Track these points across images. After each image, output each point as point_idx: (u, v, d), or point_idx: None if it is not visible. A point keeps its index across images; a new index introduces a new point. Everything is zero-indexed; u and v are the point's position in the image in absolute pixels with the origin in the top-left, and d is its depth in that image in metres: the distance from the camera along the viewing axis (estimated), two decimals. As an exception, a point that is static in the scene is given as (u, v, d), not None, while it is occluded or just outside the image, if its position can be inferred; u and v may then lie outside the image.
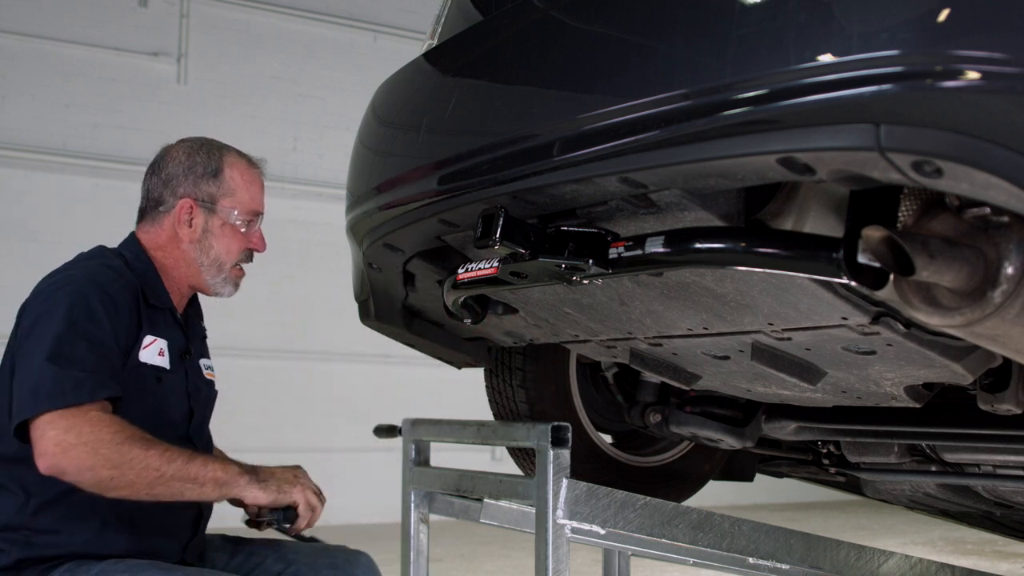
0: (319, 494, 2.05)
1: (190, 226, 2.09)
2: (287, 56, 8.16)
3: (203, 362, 2.23)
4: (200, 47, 7.80)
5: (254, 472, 1.97)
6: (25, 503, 1.89)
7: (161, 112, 7.58)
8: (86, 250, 2.12)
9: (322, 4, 8.31)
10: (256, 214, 2.18)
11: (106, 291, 1.94)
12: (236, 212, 2.12)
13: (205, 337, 2.30)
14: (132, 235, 2.14)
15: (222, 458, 2.02)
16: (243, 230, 2.14)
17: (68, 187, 7.22)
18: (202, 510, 2.10)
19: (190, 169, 2.11)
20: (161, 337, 2.04)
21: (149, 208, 2.13)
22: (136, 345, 1.98)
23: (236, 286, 2.18)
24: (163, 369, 2.04)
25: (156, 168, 2.13)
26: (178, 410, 2.09)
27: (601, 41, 1.41)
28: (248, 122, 7.95)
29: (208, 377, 2.23)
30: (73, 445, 1.77)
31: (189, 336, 2.15)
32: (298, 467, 2.09)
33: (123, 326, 1.95)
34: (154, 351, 2.02)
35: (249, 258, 2.20)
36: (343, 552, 2.21)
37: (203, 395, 2.18)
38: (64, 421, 1.79)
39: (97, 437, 1.78)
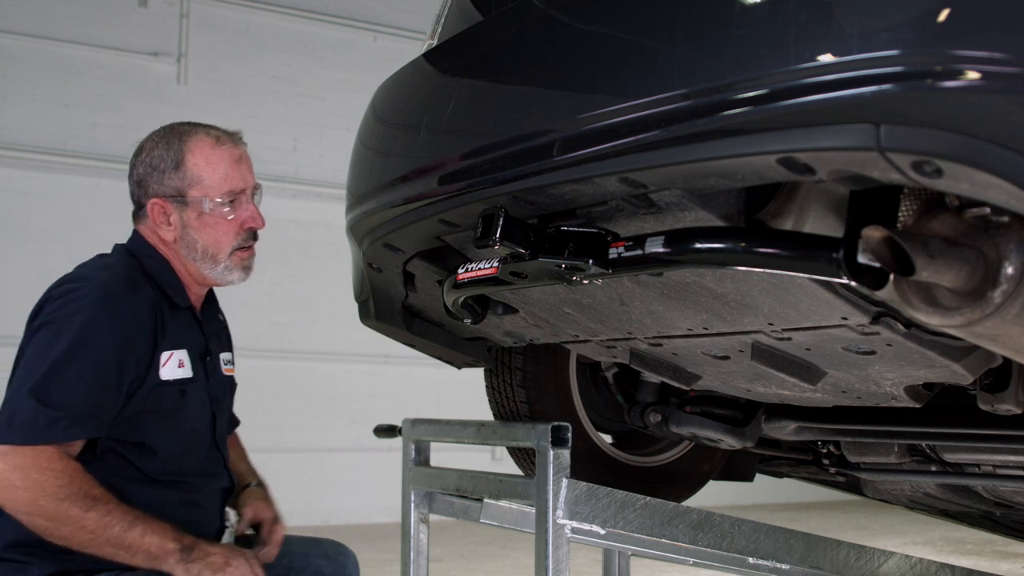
0: None
1: (169, 224, 2.00)
2: (287, 56, 8.16)
3: (223, 357, 2.17)
4: (200, 47, 7.80)
5: (190, 550, 1.85)
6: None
7: (161, 112, 7.57)
8: (105, 252, 2.07)
9: (322, 4, 8.31)
10: (235, 193, 2.03)
11: (118, 313, 1.88)
12: (208, 199, 1.99)
13: (226, 329, 2.24)
14: (136, 232, 2.08)
15: (167, 527, 1.86)
16: (226, 212, 2.02)
17: (68, 187, 7.22)
18: (223, 523, 2.11)
19: (152, 167, 2.01)
20: (180, 346, 1.99)
21: (136, 212, 2.07)
22: (153, 365, 1.93)
23: (245, 269, 2.07)
24: (187, 380, 2.00)
25: (131, 170, 2.06)
26: (202, 420, 2.06)
27: (601, 41, 1.41)
28: (248, 122, 7.88)
29: (227, 373, 2.18)
30: (15, 486, 1.76)
31: (207, 334, 2.10)
32: (242, 554, 1.91)
33: (133, 353, 1.89)
34: (174, 365, 1.97)
35: (251, 238, 2.08)
36: (333, 544, 2.24)
37: (224, 396, 2.15)
38: (16, 458, 1.77)
39: (40, 485, 1.76)
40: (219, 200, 2.00)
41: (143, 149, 2.04)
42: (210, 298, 2.17)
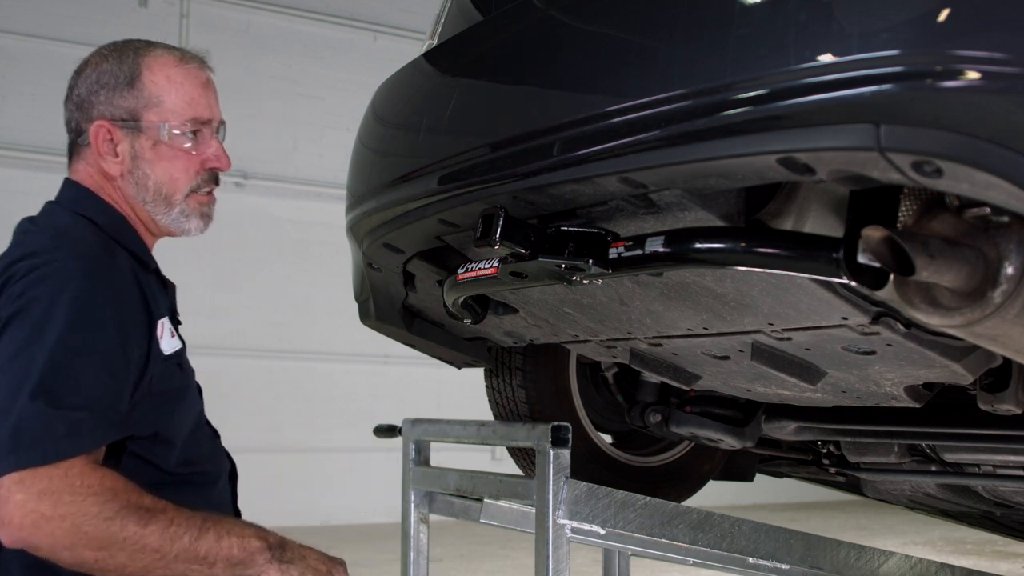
0: None
1: (115, 155, 1.65)
2: (287, 56, 8.17)
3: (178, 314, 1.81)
4: (200, 47, 7.79)
5: (280, 548, 1.57)
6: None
7: (161, 112, 7.58)
8: (32, 216, 1.69)
9: (322, 4, 8.32)
10: (200, 123, 1.70)
11: (109, 283, 1.55)
12: (168, 125, 1.65)
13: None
14: (67, 182, 1.71)
15: (241, 523, 1.59)
16: (188, 147, 1.68)
17: (68, 187, 7.22)
18: (239, 516, 1.83)
19: (100, 82, 1.65)
20: (163, 313, 1.67)
21: (72, 143, 1.71)
22: (153, 340, 1.62)
23: (204, 217, 1.74)
24: (181, 351, 1.71)
25: (69, 91, 1.71)
26: (197, 395, 1.79)
27: (601, 41, 1.41)
28: (248, 122, 7.94)
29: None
30: (47, 519, 1.39)
31: (170, 295, 1.77)
32: (339, 562, 1.66)
33: (135, 328, 1.58)
34: (168, 336, 1.66)
35: (212, 180, 1.74)
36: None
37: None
38: (40, 483, 1.39)
39: (79, 510, 1.41)
40: (182, 129, 1.67)
41: (88, 64, 1.70)
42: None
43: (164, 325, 1.65)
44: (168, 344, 1.65)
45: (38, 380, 1.43)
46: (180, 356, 1.70)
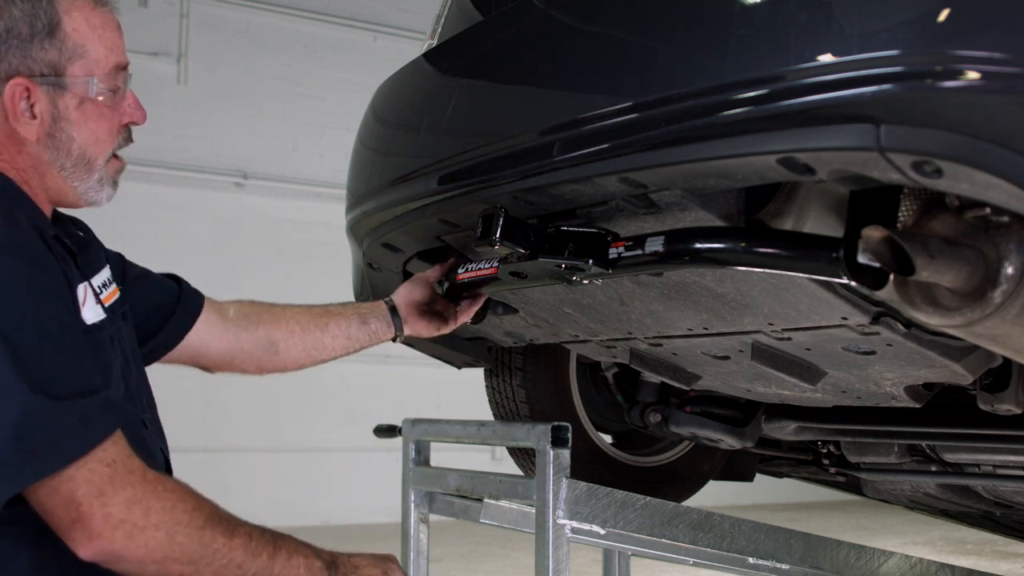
0: None
1: (32, 116, 1.40)
2: (287, 56, 8.17)
3: (96, 281, 1.52)
4: (200, 47, 7.79)
5: (335, 566, 1.47)
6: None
7: (161, 112, 7.57)
8: None
9: (322, 4, 8.32)
10: (121, 68, 1.49)
11: (27, 249, 1.32)
12: (95, 79, 1.44)
13: (89, 241, 1.58)
14: None
15: (295, 541, 1.46)
16: (109, 103, 1.47)
17: (68, 187, 7.21)
18: None
19: (11, 32, 1.38)
20: (75, 278, 1.43)
21: None
22: (76, 308, 1.40)
23: (115, 186, 1.52)
24: (105, 320, 1.47)
25: None
26: (124, 368, 1.53)
27: (601, 41, 1.41)
28: (248, 122, 7.95)
29: (111, 300, 1.54)
30: (140, 528, 1.27)
31: (77, 256, 1.48)
32: (389, 559, 1.57)
33: (66, 296, 1.37)
34: (92, 302, 1.45)
35: (128, 138, 1.53)
36: None
37: (123, 330, 1.56)
38: (128, 490, 1.27)
39: (171, 518, 1.29)
40: (107, 83, 1.45)
41: None
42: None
43: (86, 290, 1.45)
44: (90, 313, 1.43)
45: (19, 374, 1.23)
46: (106, 326, 1.48)
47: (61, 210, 1.55)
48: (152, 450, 1.54)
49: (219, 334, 1.84)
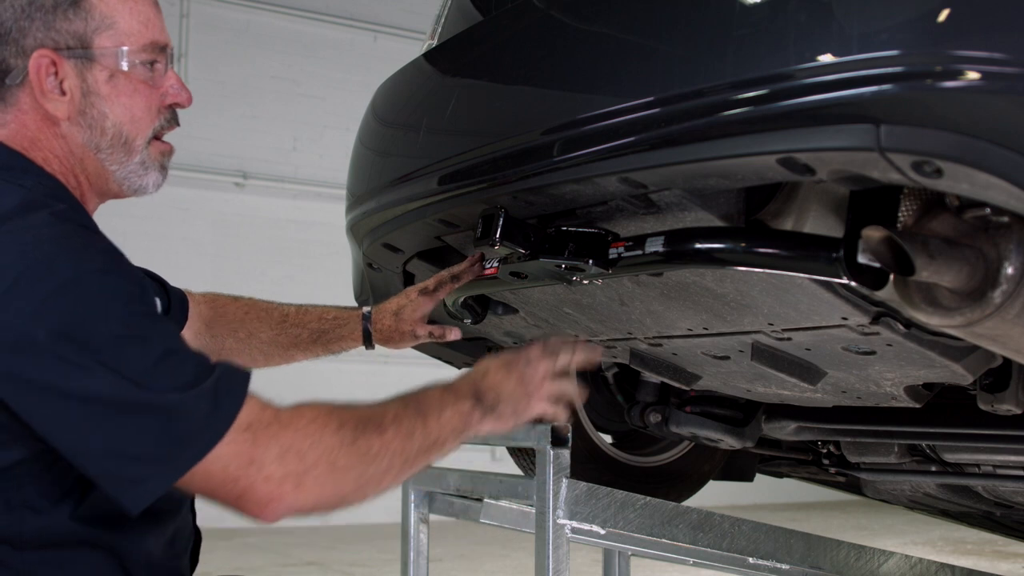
0: (563, 395, 1.51)
1: (62, 93, 1.31)
2: (287, 56, 8.17)
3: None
4: (200, 47, 7.79)
5: (478, 399, 1.41)
6: None
7: (161, 112, 7.58)
8: None
9: (322, 4, 8.32)
10: (158, 48, 1.38)
11: (100, 250, 1.27)
12: (127, 50, 1.33)
13: None
14: None
15: (428, 388, 1.43)
16: (143, 78, 1.36)
17: (68, 187, 7.22)
18: (198, 540, 1.55)
19: (33, 4, 1.29)
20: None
21: None
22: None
23: (163, 171, 1.42)
24: None
25: None
26: None
27: (601, 41, 1.41)
28: (248, 122, 7.95)
29: None
30: (302, 473, 1.23)
31: None
32: (519, 360, 1.47)
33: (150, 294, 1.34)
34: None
35: (174, 120, 1.42)
36: None
37: None
38: (273, 444, 1.22)
39: (324, 446, 1.25)
40: (142, 56, 1.35)
41: None
42: None
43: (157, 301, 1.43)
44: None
45: (145, 371, 1.18)
46: None
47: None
48: None
49: (191, 337, 1.83)
